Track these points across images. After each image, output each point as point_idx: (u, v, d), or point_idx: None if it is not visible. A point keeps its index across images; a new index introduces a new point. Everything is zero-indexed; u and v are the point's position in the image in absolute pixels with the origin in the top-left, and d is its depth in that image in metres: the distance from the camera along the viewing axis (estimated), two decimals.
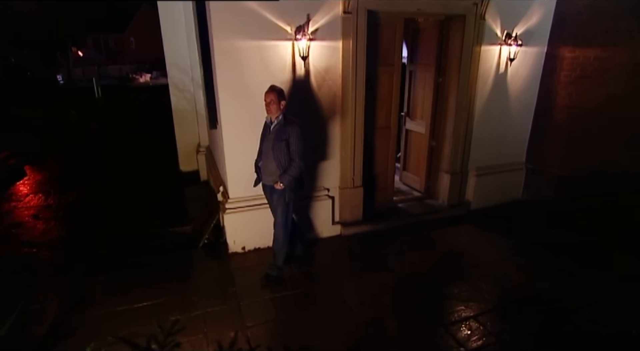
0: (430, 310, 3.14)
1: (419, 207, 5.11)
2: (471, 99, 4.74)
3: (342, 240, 4.35)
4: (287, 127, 3.14)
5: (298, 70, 3.76)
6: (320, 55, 3.76)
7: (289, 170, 3.19)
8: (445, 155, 5.02)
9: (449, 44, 4.62)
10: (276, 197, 3.30)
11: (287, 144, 3.14)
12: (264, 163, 3.25)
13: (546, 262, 3.85)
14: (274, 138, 3.16)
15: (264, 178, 3.30)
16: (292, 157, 3.17)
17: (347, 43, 3.84)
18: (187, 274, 3.65)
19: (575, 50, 4.62)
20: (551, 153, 5.16)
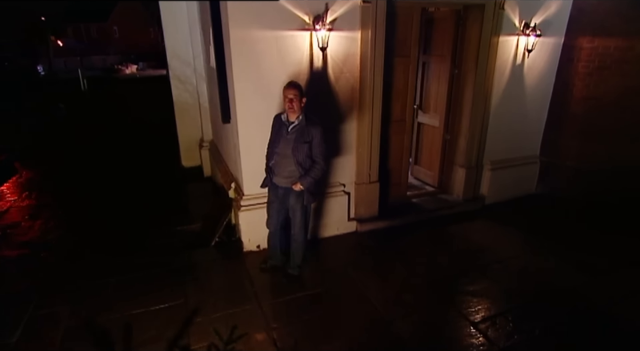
0: (457, 307, 3.17)
1: (433, 202, 5.13)
2: (488, 91, 4.75)
3: (359, 236, 4.36)
4: (311, 128, 3.06)
5: (315, 62, 3.72)
6: (338, 46, 3.73)
7: (311, 172, 3.14)
8: (461, 148, 5.04)
9: (466, 34, 4.61)
10: (294, 199, 3.25)
11: (309, 146, 3.08)
12: (280, 164, 3.16)
13: (568, 257, 3.91)
14: (294, 139, 3.07)
15: (278, 179, 3.22)
16: (315, 159, 3.13)
17: (366, 33, 3.81)
18: (202, 274, 3.63)
19: (595, 41, 4.65)
20: (567, 146, 5.22)
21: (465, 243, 4.25)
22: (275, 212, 3.41)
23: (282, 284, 3.45)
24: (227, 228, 4.24)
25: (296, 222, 3.36)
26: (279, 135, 3.14)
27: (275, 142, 3.18)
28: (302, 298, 3.27)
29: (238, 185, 4.12)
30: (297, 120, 3.08)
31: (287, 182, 3.20)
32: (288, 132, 3.10)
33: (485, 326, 2.97)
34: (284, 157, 3.13)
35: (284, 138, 3.11)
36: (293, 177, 3.16)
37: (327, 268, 3.75)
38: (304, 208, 3.31)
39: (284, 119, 3.13)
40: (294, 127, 3.09)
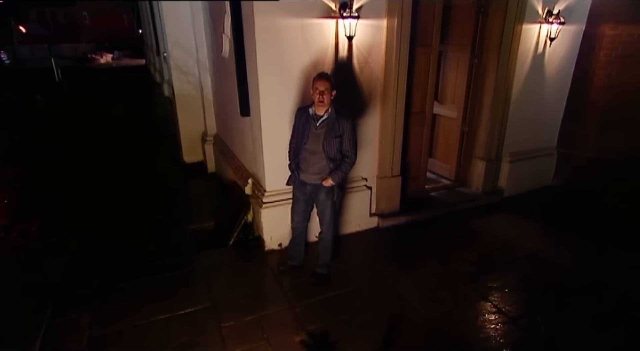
0: (493, 303, 3.24)
1: (452, 195, 5.21)
2: (509, 81, 4.82)
3: (381, 232, 4.40)
4: (342, 121, 3.05)
5: (340, 52, 3.71)
6: (364, 35, 3.72)
7: (342, 166, 3.13)
8: (480, 140, 5.11)
9: (487, 22, 4.66)
10: (324, 196, 3.24)
11: (340, 140, 3.07)
12: (308, 160, 3.14)
13: (594, 249, 4.03)
14: (324, 133, 3.05)
15: (305, 176, 3.21)
16: (346, 153, 3.12)
17: (392, 21, 3.81)
18: (225, 275, 3.61)
19: (618, 28, 4.76)
20: (585, 136, 5.35)
21: (490, 237, 4.34)
22: (301, 211, 3.41)
23: (312, 284, 3.46)
24: (245, 227, 4.23)
25: (325, 219, 3.36)
26: (305, 129, 3.10)
27: (301, 137, 3.14)
28: (334, 297, 3.30)
29: (257, 181, 4.10)
30: (326, 114, 3.05)
31: (317, 179, 3.19)
32: (317, 127, 3.07)
33: (525, 321, 3.05)
34: (313, 153, 3.12)
35: (312, 133, 3.08)
36: (323, 173, 3.16)
37: (354, 266, 3.78)
38: (334, 204, 3.32)
39: (312, 113, 3.09)
40: (323, 121, 3.06)
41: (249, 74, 3.69)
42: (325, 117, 3.06)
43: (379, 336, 2.87)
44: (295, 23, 3.42)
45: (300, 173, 3.22)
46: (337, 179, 3.16)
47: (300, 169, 3.22)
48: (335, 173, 3.14)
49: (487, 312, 3.14)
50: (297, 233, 3.55)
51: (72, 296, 3.33)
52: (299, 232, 3.53)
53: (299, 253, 3.64)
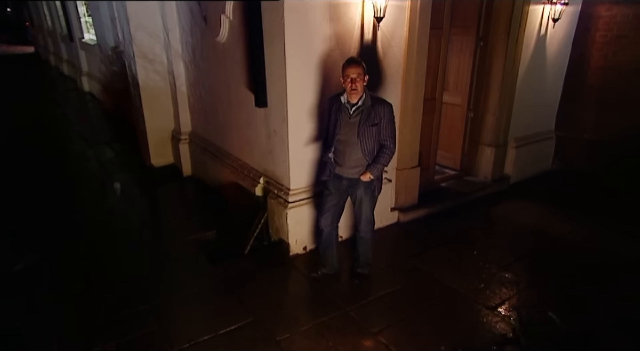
0: (551, 288, 3.53)
1: (461, 185, 5.54)
2: (516, 65, 5.24)
3: (403, 227, 4.61)
4: (379, 108, 3.09)
5: (366, 34, 3.83)
6: (388, 16, 3.86)
7: (381, 157, 3.17)
8: (488, 126, 5.49)
9: (494, 3, 5.02)
10: (362, 191, 3.29)
11: (378, 129, 3.11)
12: (344, 152, 3.17)
13: (620, 229, 4.53)
14: (359, 122, 3.08)
15: (342, 170, 3.24)
16: (384, 142, 3.16)
17: (415, 2, 4.00)
18: (255, 285, 3.59)
19: (613, 8, 5.36)
20: (583, 118, 5.95)
21: (514, 224, 4.72)
22: (333, 206, 3.40)
23: (355, 285, 3.56)
24: (259, 232, 4.21)
25: (364, 216, 3.39)
26: (337, 119, 3.14)
27: (333, 127, 3.17)
28: (386, 297, 3.43)
29: (275, 179, 4.10)
30: (360, 101, 3.09)
31: (354, 173, 3.22)
32: (350, 116, 3.11)
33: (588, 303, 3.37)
34: (348, 144, 3.15)
35: (346, 123, 3.12)
36: (360, 167, 3.19)
37: (390, 264, 3.93)
38: (373, 199, 3.39)
39: (344, 101, 3.13)
40: (358, 108, 3.10)
41: (269, 60, 3.69)
42: (360, 104, 3.10)
43: (446, 333, 3.04)
44: (322, 3, 3.49)
45: (336, 167, 3.26)
46: (376, 173, 3.20)
47: (336, 162, 3.25)
48: (374, 166, 3.18)
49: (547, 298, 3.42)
50: (327, 233, 3.55)
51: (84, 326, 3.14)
52: (328, 231, 3.53)
53: (332, 256, 3.65)
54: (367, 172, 3.20)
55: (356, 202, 3.40)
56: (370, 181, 3.25)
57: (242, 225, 4.30)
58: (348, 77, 3.01)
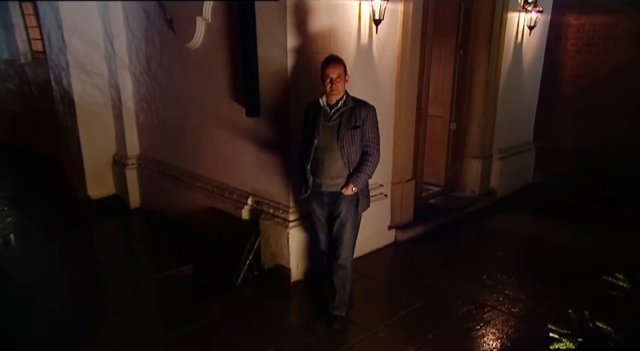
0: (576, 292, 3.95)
1: (451, 200, 6.02)
2: (498, 73, 5.92)
3: (403, 246, 4.94)
4: (361, 109, 3.19)
5: (362, 38, 4.22)
6: (383, 20, 4.28)
7: (364, 166, 3.20)
8: (473, 137, 6.08)
9: (473, 9, 5.70)
10: (345, 207, 3.28)
11: (361, 133, 3.18)
12: (322, 161, 3.20)
13: (616, 233, 5.18)
14: (339, 126, 3.15)
15: (321, 182, 3.25)
16: (366, 149, 3.23)
17: (407, 5, 4.48)
18: (265, 318, 3.70)
19: (581, 17, 6.28)
20: (561, 128, 6.77)
21: (514, 236, 5.27)
22: (325, 226, 3.50)
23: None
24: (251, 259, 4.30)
25: (344, 239, 3.35)
26: (315, 124, 3.19)
27: (311, 133, 3.21)
28: (410, 315, 3.69)
29: (269, 198, 4.24)
30: (341, 102, 3.18)
31: (335, 185, 3.24)
32: (330, 119, 3.18)
33: None
34: (328, 150, 3.18)
35: (325, 127, 3.18)
36: (341, 178, 3.22)
37: (404, 282, 4.25)
38: (355, 217, 3.36)
39: (323, 104, 3.22)
40: (337, 110, 3.18)
41: (263, 65, 3.91)
42: (340, 105, 3.18)
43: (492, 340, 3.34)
44: (322, 3, 3.82)
45: (315, 180, 3.26)
46: (360, 184, 3.21)
47: (313, 174, 3.26)
48: (357, 176, 3.19)
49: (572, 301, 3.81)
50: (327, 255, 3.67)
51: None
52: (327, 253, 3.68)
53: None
54: (350, 183, 3.20)
55: (337, 221, 3.33)
56: (353, 195, 3.26)
57: (229, 253, 4.37)
58: (327, 77, 3.12)
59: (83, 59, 5.81)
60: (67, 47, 5.70)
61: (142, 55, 5.56)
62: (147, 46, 5.44)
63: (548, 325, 1.92)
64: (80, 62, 5.81)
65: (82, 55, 5.79)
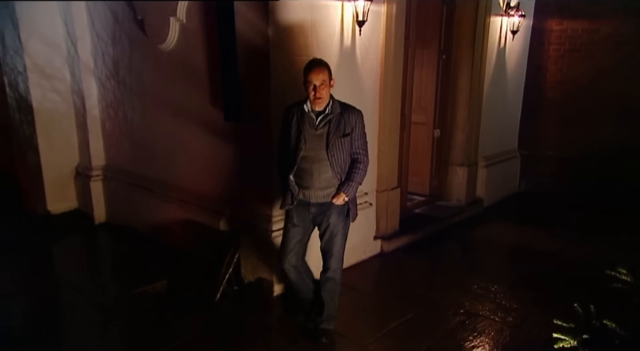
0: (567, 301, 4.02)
1: (437, 210, 6.13)
2: (482, 78, 6.10)
3: (389, 257, 5.00)
4: (350, 115, 3.21)
5: (345, 40, 4.30)
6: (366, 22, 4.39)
7: (355, 174, 3.24)
8: (458, 144, 6.22)
9: (456, 13, 5.89)
10: (335, 218, 3.30)
11: (350, 140, 3.21)
12: (310, 171, 3.20)
13: (610, 242, 5.33)
14: (328, 134, 3.16)
15: (310, 193, 3.25)
16: (357, 156, 3.27)
17: (390, 7, 4.60)
18: (246, 337, 3.65)
19: (563, 23, 6.55)
20: (546, 135, 7.00)
21: (503, 245, 5.42)
22: (297, 242, 3.39)
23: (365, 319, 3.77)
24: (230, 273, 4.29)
25: (336, 250, 3.36)
26: (300, 132, 3.18)
27: (296, 142, 3.20)
28: (400, 327, 3.71)
29: (249, 207, 4.24)
30: (328, 108, 3.18)
31: (325, 196, 3.24)
32: (317, 127, 3.18)
33: None
34: (316, 161, 3.18)
35: (312, 136, 3.17)
36: (331, 187, 3.23)
37: (393, 294, 4.28)
38: (346, 229, 3.38)
39: (307, 110, 3.20)
40: (325, 117, 3.18)
41: (246, 68, 3.94)
42: (328, 112, 3.18)
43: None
44: (305, 3, 3.90)
45: (301, 191, 3.26)
46: (352, 193, 3.25)
47: (300, 185, 3.25)
48: (349, 185, 3.22)
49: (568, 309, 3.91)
50: (297, 277, 3.52)
51: None
52: (298, 273, 3.51)
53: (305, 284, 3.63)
54: (341, 193, 3.22)
55: (327, 232, 3.35)
56: (344, 205, 3.29)
57: (206, 267, 4.33)
58: (310, 84, 3.08)
59: (43, 63, 5.71)
60: (25, 50, 5.59)
61: (109, 58, 5.53)
62: (115, 49, 5.41)
63: (553, 320, 1.97)
64: (40, 66, 5.70)
65: (42, 59, 5.69)
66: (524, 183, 7.19)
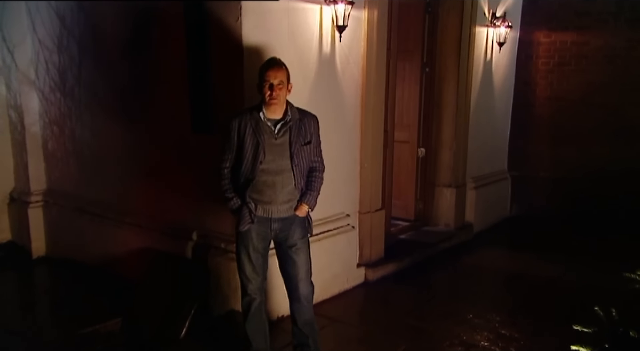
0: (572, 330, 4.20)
1: (424, 236, 6.26)
2: (469, 92, 6.35)
3: (375, 286, 5.05)
4: (309, 121, 3.32)
5: (324, 47, 4.45)
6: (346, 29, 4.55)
7: (315, 183, 3.38)
8: (445, 164, 6.41)
9: (439, 23, 6.16)
10: (299, 233, 3.37)
11: (310, 148, 3.33)
12: (273, 186, 3.24)
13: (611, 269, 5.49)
14: (290, 142, 3.24)
15: (272, 209, 3.29)
16: (315, 164, 3.41)
17: (372, 13, 4.79)
18: None
19: (551, 35, 6.92)
20: (537, 154, 7.28)
21: (498, 272, 5.59)
22: (261, 265, 3.40)
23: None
24: None
25: (303, 271, 3.38)
26: (257, 142, 3.20)
27: (253, 154, 3.22)
28: None
29: (221, 230, 4.25)
30: (289, 114, 3.25)
31: (288, 209, 3.31)
32: (276, 136, 3.23)
33: None
34: (279, 172, 3.24)
35: (272, 146, 3.22)
36: (293, 200, 3.32)
37: (383, 325, 4.32)
38: (309, 246, 3.45)
39: (262, 117, 3.22)
40: (285, 125, 3.24)
41: (218, 73, 4.03)
42: (288, 119, 3.24)
43: None
44: (281, 6, 4.03)
45: (261, 207, 3.28)
46: (313, 203, 3.37)
47: (259, 201, 3.27)
48: (310, 195, 3.34)
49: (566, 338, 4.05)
50: (257, 307, 3.45)
51: None
52: (258, 303, 3.46)
53: (265, 335, 3.58)
54: (304, 203, 3.32)
55: (291, 250, 3.37)
56: (304, 218, 3.38)
57: (169, 301, 4.30)
58: (267, 82, 3.11)
59: None
60: None
61: (54, 68, 5.53)
62: (61, 57, 5.42)
63: (572, 325, 2.05)
64: None
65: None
66: (516, 206, 7.41)
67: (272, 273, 3.66)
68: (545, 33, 6.97)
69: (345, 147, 4.80)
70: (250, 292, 3.40)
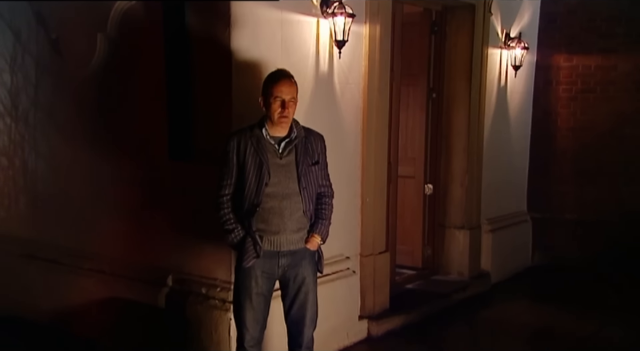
0: None
1: (434, 285, 6.28)
2: (481, 121, 6.50)
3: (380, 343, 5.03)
4: (315, 139, 3.42)
5: (322, 64, 4.59)
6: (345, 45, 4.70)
7: (326, 211, 3.45)
8: (456, 201, 6.48)
9: (447, 44, 6.36)
10: (309, 270, 3.41)
11: (318, 169, 3.39)
12: (280, 213, 3.26)
13: None
14: (297, 162, 3.29)
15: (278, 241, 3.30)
16: (323, 189, 3.47)
17: (374, 29, 4.95)
18: None
19: (573, 58, 7.15)
20: (561, 194, 7.40)
21: (523, 328, 5.62)
22: (262, 309, 3.39)
23: None
24: None
25: (309, 315, 3.43)
26: (260, 163, 3.23)
27: (257, 176, 3.24)
28: None
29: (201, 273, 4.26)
30: (294, 132, 3.32)
31: (298, 240, 3.34)
32: (281, 155, 3.29)
33: None
34: (286, 197, 3.27)
35: (277, 167, 3.26)
36: (304, 230, 3.36)
37: None
38: (316, 285, 3.51)
39: (266, 135, 3.29)
40: (290, 143, 3.31)
41: (201, 91, 4.13)
42: (293, 136, 3.31)
43: None
44: (274, 16, 4.18)
45: (266, 239, 3.28)
46: (326, 234, 3.43)
47: (266, 231, 3.28)
48: (322, 224, 3.41)
49: None
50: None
51: None
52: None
53: None
54: (316, 234, 3.37)
55: (300, 291, 3.40)
56: (313, 252, 3.42)
57: None
58: (278, 99, 3.18)
59: None
60: None
61: (4, 90, 5.59)
62: (14, 77, 5.49)
63: None
64: None
65: None
66: (538, 254, 7.48)
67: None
68: (565, 56, 7.21)
69: (344, 178, 4.80)
70: (247, 344, 3.38)
